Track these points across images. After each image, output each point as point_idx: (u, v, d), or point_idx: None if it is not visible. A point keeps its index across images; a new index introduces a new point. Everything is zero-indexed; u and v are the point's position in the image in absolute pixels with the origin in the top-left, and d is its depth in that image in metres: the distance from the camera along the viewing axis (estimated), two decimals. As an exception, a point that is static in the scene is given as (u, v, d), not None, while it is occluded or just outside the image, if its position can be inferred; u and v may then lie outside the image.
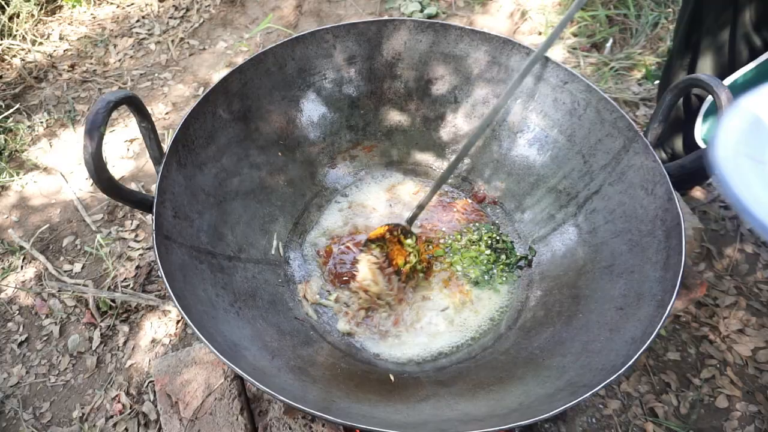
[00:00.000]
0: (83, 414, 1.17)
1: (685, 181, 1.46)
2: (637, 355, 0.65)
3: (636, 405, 1.17)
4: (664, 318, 0.69)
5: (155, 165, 0.83)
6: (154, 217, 0.76)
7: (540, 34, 1.92)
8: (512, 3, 2.05)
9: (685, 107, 1.23)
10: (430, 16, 1.99)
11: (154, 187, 0.80)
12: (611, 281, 0.88)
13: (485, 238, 1.06)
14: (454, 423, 0.69)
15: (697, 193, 1.51)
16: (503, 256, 1.05)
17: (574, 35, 1.91)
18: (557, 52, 1.87)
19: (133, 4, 2.09)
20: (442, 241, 1.07)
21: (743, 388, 1.19)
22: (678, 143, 1.30)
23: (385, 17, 1.27)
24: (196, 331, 0.66)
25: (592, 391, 0.62)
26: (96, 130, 0.68)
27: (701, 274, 1.37)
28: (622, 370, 0.64)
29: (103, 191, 0.72)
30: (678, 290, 0.72)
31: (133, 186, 1.52)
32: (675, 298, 0.71)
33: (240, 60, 1.89)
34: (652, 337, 0.67)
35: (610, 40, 1.88)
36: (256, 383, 0.63)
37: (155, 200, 0.78)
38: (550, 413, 0.61)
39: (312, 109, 1.10)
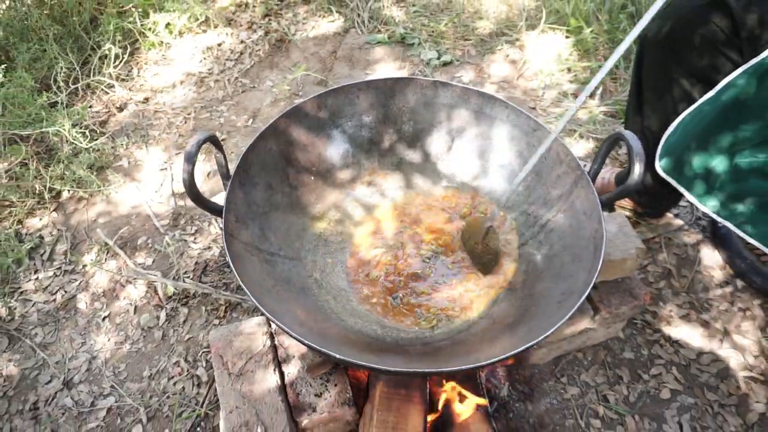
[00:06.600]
0: (151, 374, 1.49)
1: (652, 208, 1.73)
2: (552, 330, 0.93)
3: (592, 392, 1.42)
4: (577, 305, 0.96)
5: (224, 182, 1.16)
6: (224, 220, 1.09)
7: (536, 76, 2.22)
8: (518, 52, 2.37)
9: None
10: (445, 63, 2.32)
11: (220, 199, 1.13)
12: (557, 284, 1.15)
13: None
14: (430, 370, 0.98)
15: (667, 220, 1.77)
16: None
17: (570, 82, 2.20)
18: (552, 95, 2.16)
19: (197, 48, 2.49)
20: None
21: (685, 384, 1.43)
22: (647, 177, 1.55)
23: (398, 76, 1.59)
24: (247, 291, 0.96)
25: (512, 352, 0.91)
26: (191, 159, 1.01)
27: (660, 291, 1.62)
28: (540, 338, 0.93)
29: (192, 200, 1.05)
30: (592, 286, 0.99)
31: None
32: (588, 292, 0.98)
33: (282, 97, 2.26)
34: (565, 319, 0.94)
35: (600, 88, 2.16)
36: (282, 326, 0.93)
37: (224, 208, 1.11)
38: (479, 363, 0.91)
39: (339, 145, 1.42)
